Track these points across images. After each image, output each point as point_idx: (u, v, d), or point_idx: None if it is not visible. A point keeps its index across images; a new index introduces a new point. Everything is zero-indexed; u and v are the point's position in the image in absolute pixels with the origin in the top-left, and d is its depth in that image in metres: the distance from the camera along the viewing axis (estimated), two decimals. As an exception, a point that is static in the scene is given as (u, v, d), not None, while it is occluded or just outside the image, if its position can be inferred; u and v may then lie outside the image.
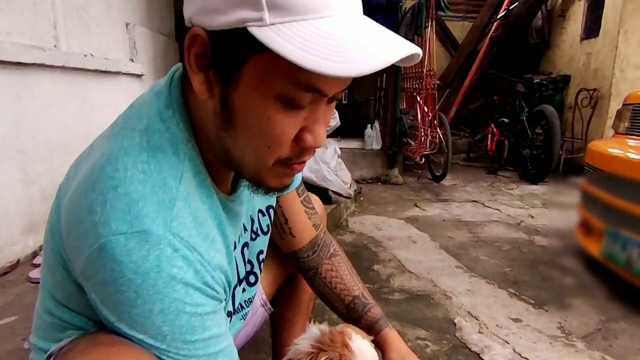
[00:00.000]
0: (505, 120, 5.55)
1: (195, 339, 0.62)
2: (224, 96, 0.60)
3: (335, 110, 3.24)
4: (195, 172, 0.67)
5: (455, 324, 1.89)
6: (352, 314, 1.04)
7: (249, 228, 0.92)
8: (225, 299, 0.72)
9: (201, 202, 0.68)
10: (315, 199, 1.25)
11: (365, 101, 5.62)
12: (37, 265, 1.76)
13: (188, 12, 0.59)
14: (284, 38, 0.51)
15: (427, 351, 1.68)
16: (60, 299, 0.72)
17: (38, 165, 2.00)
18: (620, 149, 2.32)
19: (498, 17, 6.37)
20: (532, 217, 3.61)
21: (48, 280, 0.73)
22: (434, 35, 4.61)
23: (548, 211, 3.84)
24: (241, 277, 0.90)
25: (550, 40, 6.45)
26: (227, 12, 0.53)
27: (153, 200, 0.59)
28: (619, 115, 2.49)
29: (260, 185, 0.70)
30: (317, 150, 1.65)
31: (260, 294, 1.15)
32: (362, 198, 4.19)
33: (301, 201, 1.05)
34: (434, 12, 4.35)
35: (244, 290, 0.97)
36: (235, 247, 0.83)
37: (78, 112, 2.32)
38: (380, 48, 0.56)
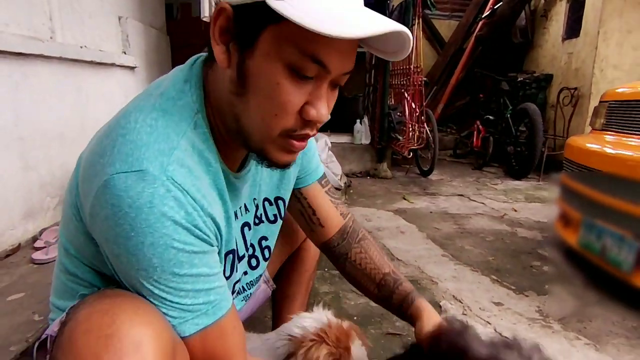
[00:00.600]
0: (490, 117, 5.69)
1: (182, 273, 0.69)
2: (240, 63, 0.69)
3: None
4: (201, 139, 0.76)
5: (440, 307, 1.99)
6: (384, 291, 1.10)
7: (252, 211, 0.98)
8: (217, 246, 0.78)
9: (201, 163, 0.76)
10: None
11: (354, 98, 5.71)
12: (38, 249, 1.81)
13: None
14: (296, 8, 0.61)
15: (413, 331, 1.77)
16: (73, 252, 0.80)
17: (36, 153, 2.05)
18: (598, 144, 2.43)
19: (483, 16, 6.50)
20: (515, 211, 3.73)
21: (64, 235, 0.82)
22: (421, 33, 4.71)
23: (530, 205, 3.97)
24: (240, 254, 0.97)
25: (533, 40, 6.59)
26: None
27: (154, 148, 0.68)
28: (596, 112, 2.61)
29: (264, 156, 0.77)
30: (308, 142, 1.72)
31: (264, 271, 1.22)
32: (351, 191, 4.28)
33: (326, 192, 1.12)
34: (420, 10, 4.45)
35: (245, 273, 1.04)
36: (236, 217, 0.90)
37: (74, 103, 2.36)
38: (374, 20, 0.67)
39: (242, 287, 1.06)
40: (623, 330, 1.85)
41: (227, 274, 0.89)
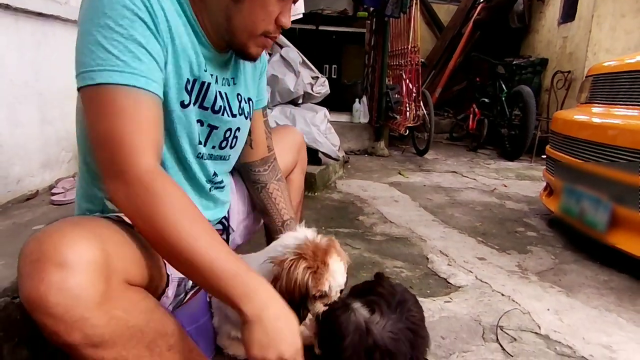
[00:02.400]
0: (486, 100, 5.82)
1: (126, 27, 0.82)
2: None
3: (325, 79, 3.45)
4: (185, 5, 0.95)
5: (428, 259, 2.15)
6: (286, 229, 1.29)
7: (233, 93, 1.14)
8: (159, 39, 0.89)
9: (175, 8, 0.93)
10: (293, 131, 1.58)
11: (353, 84, 5.80)
12: (55, 194, 1.96)
13: None
14: None
15: (402, 276, 1.94)
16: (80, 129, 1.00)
17: (53, 109, 2.18)
18: (586, 115, 2.56)
19: (482, 0, 6.60)
20: (506, 186, 3.89)
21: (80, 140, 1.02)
22: (419, 13, 4.82)
23: (520, 182, 4.13)
24: (216, 108, 1.07)
25: (530, 25, 6.70)
26: None
27: None
28: (582, 87, 2.75)
29: (243, 50, 1.03)
30: (307, 114, 2.04)
31: (245, 205, 1.39)
32: (349, 166, 4.43)
33: (264, 121, 1.32)
34: (419, -9, 4.57)
35: (213, 147, 1.13)
36: (216, 82, 1.07)
37: (87, 66, 2.49)
38: None
39: (215, 172, 1.16)
40: (595, 282, 2.00)
41: (192, 99, 1.00)
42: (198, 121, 1.04)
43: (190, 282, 1.10)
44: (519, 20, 6.64)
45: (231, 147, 1.19)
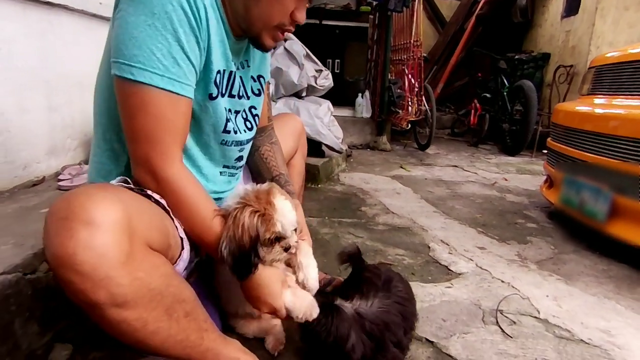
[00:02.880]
0: (488, 95, 5.84)
1: (169, 30, 0.90)
2: None
3: (328, 72, 3.47)
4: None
5: (429, 247, 2.18)
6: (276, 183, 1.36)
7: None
8: (199, 37, 0.97)
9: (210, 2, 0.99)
10: (294, 117, 1.68)
11: (356, 81, 5.81)
12: (62, 180, 1.98)
13: None
14: None
15: (404, 263, 1.97)
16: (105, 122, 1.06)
17: (59, 96, 2.20)
18: (587, 106, 2.57)
19: (484, -5, 6.61)
20: (506, 180, 3.91)
21: (99, 114, 1.08)
22: (421, 7, 4.83)
23: (521, 176, 4.15)
24: (240, 94, 1.19)
25: (533, 19, 6.70)
26: None
27: None
28: (584, 78, 2.77)
29: (258, 40, 1.11)
30: (311, 106, 2.14)
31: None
32: (352, 160, 4.46)
33: (267, 94, 1.39)
34: (421, -15, 4.59)
35: (236, 132, 1.20)
36: (238, 68, 1.15)
37: (93, 55, 2.49)
38: None
39: (236, 141, 1.22)
40: (594, 271, 2.03)
41: (221, 90, 1.09)
42: (227, 110, 1.14)
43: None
44: (521, 15, 6.65)
45: (252, 129, 1.27)
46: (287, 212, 1.07)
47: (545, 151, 3.08)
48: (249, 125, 1.25)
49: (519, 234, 2.49)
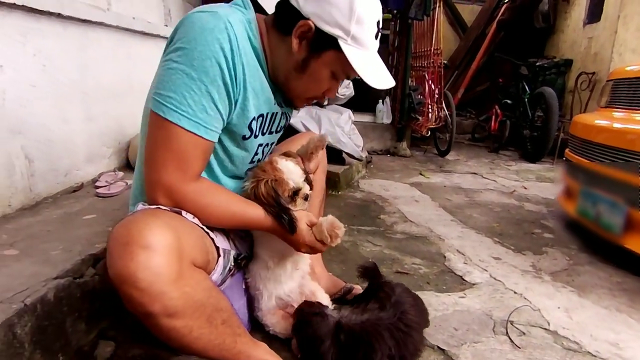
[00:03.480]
0: (509, 101, 5.84)
1: (206, 81, 1.02)
2: (306, 59, 1.16)
3: (349, 81, 3.56)
4: (254, 46, 1.16)
5: (445, 257, 2.25)
6: None
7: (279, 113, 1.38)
8: (232, 92, 1.09)
9: (245, 39, 1.13)
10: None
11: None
12: (99, 187, 2.12)
13: (307, 8, 1.10)
14: (353, 54, 1.12)
15: (420, 272, 2.05)
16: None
17: (96, 106, 2.35)
18: (606, 119, 2.59)
19: (506, 0, 6.58)
20: (525, 188, 3.94)
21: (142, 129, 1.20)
22: (442, 16, 4.88)
23: (540, 184, 4.16)
24: (278, 129, 1.38)
25: (555, 25, 6.65)
26: (332, 27, 1.10)
27: (224, 9, 1.08)
28: (603, 90, 2.79)
29: (292, 103, 1.32)
30: (332, 115, 2.34)
31: None
32: (372, 166, 4.54)
33: None
34: (443, -6, 4.63)
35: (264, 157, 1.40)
36: (281, 106, 1.31)
37: (125, 67, 2.66)
38: (386, 76, 1.21)
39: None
40: (608, 283, 2.07)
41: (255, 132, 1.24)
42: (259, 145, 1.31)
43: (232, 256, 1.31)
44: (543, 20, 6.61)
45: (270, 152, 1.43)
46: (292, 169, 1.27)
47: (565, 158, 3.11)
48: (269, 151, 1.43)
49: (535, 244, 2.54)
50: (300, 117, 3.34)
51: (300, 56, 1.16)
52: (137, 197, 1.23)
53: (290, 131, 1.87)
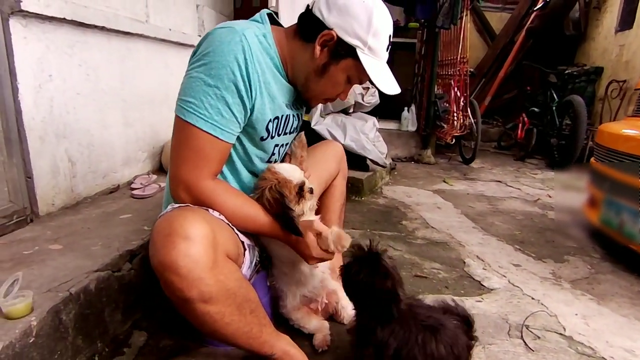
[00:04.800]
0: (536, 109, 5.78)
1: (221, 87, 1.14)
2: (326, 64, 1.30)
3: (375, 89, 3.63)
4: (267, 43, 1.29)
5: (464, 262, 2.30)
6: None
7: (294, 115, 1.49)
8: (245, 97, 1.20)
9: (263, 52, 1.26)
10: (335, 144, 1.93)
11: (403, 91, 5.92)
12: (134, 189, 2.26)
13: (330, 20, 1.23)
14: (369, 62, 1.26)
15: (438, 276, 2.10)
16: None
17: (134, 113, 2.50)
18: (633, 128, 2.57)
19: (536, 8, 6.53)
20: (550, 197, 3.91)
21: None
22: (469, 24, 4.90)
23: (565, 192, 4.12)
24: (290, 130, 1.48)
25: (586, 32, 6.55)
26: (352, 37, 1.24)
27: (241, 25, 1.21)
28: (630, 99, 2.79)
29: (309, 103, 1.45)
30: (357, 122, 2.85)
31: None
32: (395, 173, 4.59)
33: None
34: (469, 3, 4.66)
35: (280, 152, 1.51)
36: (293, 109, 1.43)
37: (161, 75, 2.81)
38: (394, 84, 1.36)
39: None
40: (629, 292, 2.07)
41: (271, 133, 1.36)
42: (275, 145, 1.42)
43: (256, 251, 1.41)
44: (574, 28, 6.53)
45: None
46: (289, 169, 1.36)
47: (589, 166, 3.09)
48: (284, 152, 1.54)
49: (557, 252, 2.55)
50: (326, 125, 3.44)
51: (320, 61, 1.29)
52: (169, 200, 1.34)
53: (315, 138, 1.98)
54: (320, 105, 3.46)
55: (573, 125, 4.92)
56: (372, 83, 1.28)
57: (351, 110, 3.69)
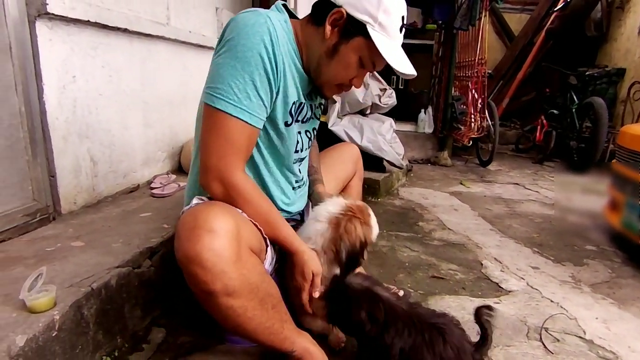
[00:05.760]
0: (555, 112, 5.71)
1: (248, 70, 1.15)
2: (337, 44, 1.27)
3: (392, 91, 3.62)
4: (290, 40, 1.29)
5: (482, 264, 2.28)
6: (312, 174, 1.67)
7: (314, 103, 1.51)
8: (273, 80, 1.21)
9: (287, 42, 1.27)
10: (352, 146, 1.94)
11: (420, 93, 5.92)
12: (154, 188, 2.29)
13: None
14: (379, 40, 1.22)
15: (455, 277, 2.09)
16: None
17: (154, 114, 2.54)
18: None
19: (556, 8, 6.44)
20: (569, 200, 3.85)
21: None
22: (488, 25, 4.86)
23: (585, 196, 4.05)
24: (308, 115, 1.46)
25: (608, 33, 6.42)
26: (361, 14, 1.22)
27: (269, 13, 1.21)
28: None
29: (321, 90, 1.41)
30: (374, 123, 3.14)
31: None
32: (412, 174, 4.57)
33: None
34: (488, 4, 4.63)
35: (304, 150, 1.51)
36: (306, 99, 1.41)
37: (180, 77, 2.85)
38: (409, 64, 1.31)
39: (301, 158, 1.52)
40: (650, 298, 2.04)
41: (295, 117, 1.37)
42: (298, 133, 1.42)
43: (277, 247, 1.40)
44: (595, 29, 6.41)
45: (309, 147, 1.54)
46: (376, 227, 1.39)
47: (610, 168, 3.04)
48: (309, 144, 1.54)
49: (576, 256, 2.51)
50: (343, 126, 3.44)
51: (331, 42, 1.27)
52: (194, 193, 1.37)
53: (332, 139, 1.99)
54: (337, 106, 3.46)
55: (594, 127, 4.85)
56: (386, 64, 1.27)
57: (368, 112, 3.69)
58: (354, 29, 1.24)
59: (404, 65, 1.28)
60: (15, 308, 1.15)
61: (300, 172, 1.53)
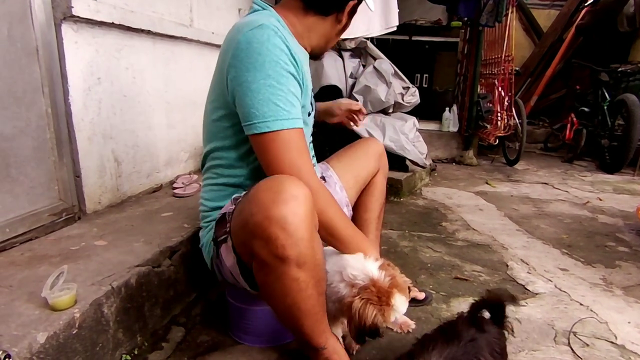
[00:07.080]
0: (586, 109, 5.54)
1: (282, 82, 1.18)
2: (347, 23, 1.43)
3: (415, 89, 3.57)
4: (290, 33, 1.33)
5: (507, 266, 2.22)
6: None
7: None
8: (299, 78, 1.25)
9: (294, 43, 1.32)
10: (375, 141, 1.91)
11: (445, 92, 5.83)
12: (176, 188, 2.32)
13: None
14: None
15: (480, 279, 2.05)
16: (220, 154, 1.38)
17: (177, 115, 2.57)
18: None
19: (586, 4, 6.26)
20: (601, 200, 3.72)
21: (211, 145, 1.41)
22: (515, 22, 4.75)
23: (618, 196, 3.91)
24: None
25: (641, 28, 6.21)
26: None
27: (263, 18, 1.23)
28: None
29: (318, 56, 1.48)
30: (397, 122, 3.22)
31: (345, 196, 1.66)
32: (436, 174, 4.51)
33: None
34: (514, 0, 4.52)
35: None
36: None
37: (203, 78, 2.87)
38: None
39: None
40: (687, 302, 1.94)
41: (313, 106, 1.46)
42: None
43: None
44: (628, 24, 6.19)
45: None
46: (401, 308, 1.19)
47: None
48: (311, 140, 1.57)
49: (608, 258, 2.42)
50: (365, 125, 3.41)
51: (343, 23, 1.41)
52: (208, 207, 1.42)
53: (354, 138, 1.96)
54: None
55: (626, 125, 4.69)
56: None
57: (390, 110, 3.65)
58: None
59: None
60: (37, 306, 1.17)
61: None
